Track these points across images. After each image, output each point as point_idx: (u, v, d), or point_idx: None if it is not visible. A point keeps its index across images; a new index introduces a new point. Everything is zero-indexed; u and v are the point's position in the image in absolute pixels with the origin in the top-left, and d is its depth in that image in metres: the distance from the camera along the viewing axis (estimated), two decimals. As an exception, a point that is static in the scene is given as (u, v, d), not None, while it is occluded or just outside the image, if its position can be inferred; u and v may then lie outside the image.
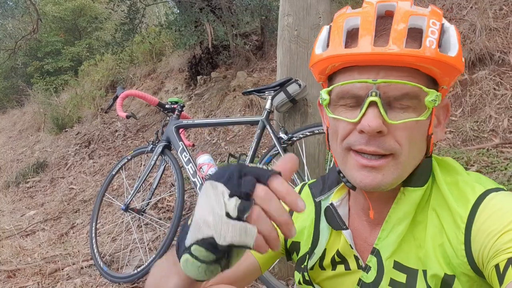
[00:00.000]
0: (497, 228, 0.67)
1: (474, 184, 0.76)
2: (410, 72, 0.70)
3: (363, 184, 0.73)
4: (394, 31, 0.69)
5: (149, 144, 2.85)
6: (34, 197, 5.50)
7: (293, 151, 2.37)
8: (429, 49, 0.68)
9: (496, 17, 3.94)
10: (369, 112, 0.70)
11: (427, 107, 0.71)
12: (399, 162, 0.73)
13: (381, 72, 0.70)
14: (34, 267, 3.07)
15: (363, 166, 0.73)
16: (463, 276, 0.72)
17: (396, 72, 0.70)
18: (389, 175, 0.73)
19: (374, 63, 0.70)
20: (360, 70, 0.72)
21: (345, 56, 0.72)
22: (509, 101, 3.25)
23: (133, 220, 3.20)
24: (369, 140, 0.71)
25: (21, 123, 9.53)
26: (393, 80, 0.69)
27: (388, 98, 0.70)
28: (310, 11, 2.33)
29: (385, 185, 0.73)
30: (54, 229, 4.07)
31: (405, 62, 0.69)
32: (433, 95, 0.71)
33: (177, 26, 5.56)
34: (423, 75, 0.71)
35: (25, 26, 11.70)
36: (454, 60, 0.70)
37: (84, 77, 9.25)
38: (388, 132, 0.71)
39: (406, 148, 0.72)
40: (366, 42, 0.69)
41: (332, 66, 0.75)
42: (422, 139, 0.75)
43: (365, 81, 0.70)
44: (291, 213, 0.97)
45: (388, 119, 0.70)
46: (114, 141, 6.29)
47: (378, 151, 0.71)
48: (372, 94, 0.69)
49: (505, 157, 2.78)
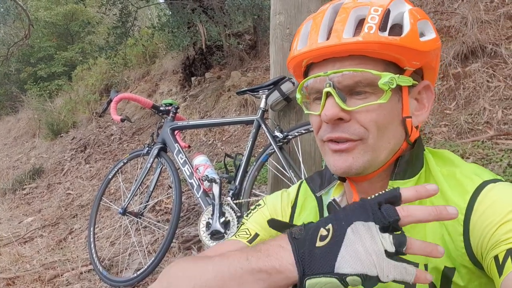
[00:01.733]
0: (496, 219, 0.67)
1: (472, 176, 0.76)
2: (362, 59, 0.73)
3: (336, 167, 0.77)
4: (336, 25, 0.74)
5: (145, 147, 2.84)
6: (31, 203, 5.48)
7: (289, 149, 2.37)
8: (367, 34, 0.71)
9: (487, 10, 3.96)
10: (327, 102, 0.74)
11: (383, 89, 0.73)
12: (368, 145, 0.75)
13: (336, 64, 0.74)
14: (33, 274, 3.05)
15: (334, 151, 0.77)
16: (462, 268, 0.72)
17: (348, 62, 0.73)
18: (359, 158, 0.75)
19: (325, 57, 0.75)
20: (318, 66, 0.77)
21: (298, 56, 0.78)
22: (502, 93, 3.26)
23: (131, 224, 3.19)
24: (334, 128, 0.75)
25: (16, 130, 9.49)
26: (342, 69, 0.73)
27: (345, 87, 0.74)
28: (301, 9, 2.33)
29: (356, 168, 0.76)
30: (52, 235, 4.06)
31: (349, 51, 0.73)
32: (387, 77, 0.72)
33: (170, 27, 5.55)
34: (377, 61, 0.74)
35: (17, 32, 11.64)
36: (402, 41, 0.72)
37: (78, 82, 9.23)
38: (352, 119, 0.74)
39: (374, 131, 0.75)
40: (312, 39, 0.75)
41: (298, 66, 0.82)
42: (394, 122, 0.77)
43: (318, 75, 0.75)
44: (292, 214, 0.97)
45: (345, 106, 0.73)
46: (110, 145, 6.27)
47: (343, 135, 0.75)
48: (326, 86, 0.74)
49: (500, 148, 2.79)
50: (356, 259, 0.55)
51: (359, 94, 0.75)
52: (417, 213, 0.57)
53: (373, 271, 0.54)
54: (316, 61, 0.77)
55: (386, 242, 0.55)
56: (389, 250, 0.54)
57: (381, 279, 0.54)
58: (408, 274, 0.55)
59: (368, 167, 0.77)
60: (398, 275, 0.54)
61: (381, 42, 0.71)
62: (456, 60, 3.70)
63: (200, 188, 2.50)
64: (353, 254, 0.55)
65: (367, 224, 0.56)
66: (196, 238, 2.98)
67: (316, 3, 2.37)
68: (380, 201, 0.58)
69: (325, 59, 0.75)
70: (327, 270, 0.56)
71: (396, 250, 0.55)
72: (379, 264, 0.54)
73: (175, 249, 2.95)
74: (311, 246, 0.58)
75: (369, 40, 0.71)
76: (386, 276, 0.54)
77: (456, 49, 3.72)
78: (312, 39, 0.75)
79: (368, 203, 0.58)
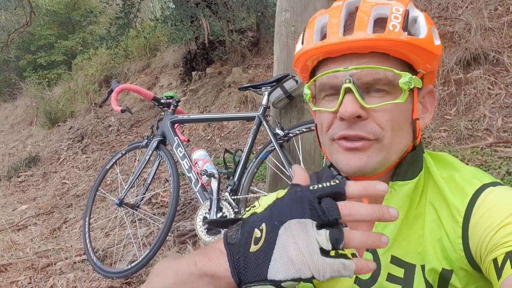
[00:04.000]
0: (495, 222, 0.67)
1: (471, 179, 0.76)
2: (381, 57, 0.73)
3: (349, 165, 0.74)
4: (359, 20, 0.72)
5: (144, 139, 2.83)
6: (26, 191, 5.45)
7: (289, 147, 2.36)
8: (392, 32, 0.71)
9: (491, 17, 3.96)
10: (346, 98, 0.72)
11: (402, 89, 0.73)
12: (383, 145, 0.74)
13: (354, 60, 0.73)
14: (26, 261, 3.04)
15: (348, 149, 0.74)
16: (460, 271, 0.73)
17: (367, 59, 0.72)
18: (373, 157, 0.74)
19: (344, 52, 0.73)
20: (334, 62, 0.75)
21: (316, 49, 0.75)
22: (503, 101, 3.27)
23: (127, 215, 3.18)
24: (351, 125, 0.73)
25: (13, 117, 9.44)
26: (363, 66, 0.72)
27: (363, 84, 0.73)
28: (307, 7, 2.33)
29: (370, 168, 0.74)
30: (47, 224, 4.04)
31: (371, 47, 0.72)
32: (407, 77, 0.72)
33: (173, 20, 5.53)
34: (396, 60, 0.74)
35: (18, 19, 11.56)
36: (422, 42, 0.72)
37: (78, 71, 9.18)
38: (369, 117, 0.73)
39: (389, 131, 0.74)
40: (333, 33, 0.73)
41: (310, 61, 0.79)
42: (406, 123, 0.76)
43: (337, 70, 0.73)
44: None
45: (365, 103, 0.72)
46: (108, 136, 6.25)
47: (360, 134, 0.73)
48: (346, 81, 0.72)
49: (499, 156, 2.80)
50: (289, 264, 0.52)
51: (377, 92, 0.73)
52: (360, 212, 0.53)
53: (306, 274, 0.52)
54: (333, 56, 0.75)
55: (321, 240, 0.51)
56: (325, 247, 0.51)
57: (317, 278, 0.52)
58: (346, 270, 0.52)
59: (380, 167, 0.76)
60: (335, 272, 0.52)
61: (405, 41, 0.71)
62: (458, 66, 3.71)
63: (198, 182, 2.49)
64: (285, 258, 0.52)
65: (303, 222, 0.52)
66: (191, 233, 2.97)
67: (322, 2, 2.36)
68: (321, 195, 0.54)
69: (343, 55, 0.74)
70: (260, 277, 0.54)
71: (333, 247, 0.52)
72: (314, 265, 0.51)
73: (170, 242, 2.94)
74: (246, 251, 0.55)
75: (395, 38, 0.71)
76: (322, 276, 0.52)
77: (458, 55, 3.73)
78: (333, 33, 0.73)
79: (307, 197, 0.54)
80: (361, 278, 0.82)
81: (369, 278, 0.81)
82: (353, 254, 0.84)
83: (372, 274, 0.80)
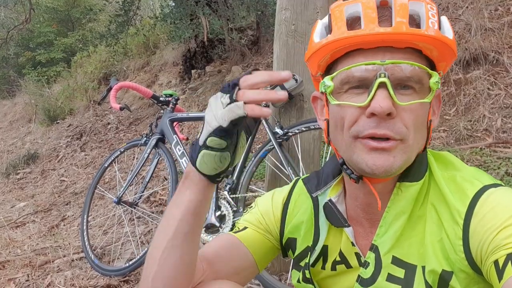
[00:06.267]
0: (496, 223, 0.67)
1: (472, 180, 0.75)
2: (413, 54, 0.71)
3: (376, 166, 0.71)
4: (397, 13, 0.69)
5: (143, 137, 2.82)
6: (24, 188, 5.44)
7: (288, 147, 2.36)
8: (432, 29, 0.69)
9: (491, 17, 3.96)
10: (379, 93, 0.69)
11: (431, 89, 0.72)
12: (407, 146, 0.72)
13: (387, 54, 0.70)
14: (24, 259, 3.03)
15: (374, 149, 0.71)
16: (460, 273, 0.72)
17: (401, 55, 0.70)
18: (399, 158, 0.72)
19: (380, 44, 0.70)
20: (364, 54, 0.71)
21: (351, 38, 0.71)
22: (502, 101, 3.27)
23: (125, 213, 3.18)
24: (379, 123, 0.70)
25: (12, 114, 9.42)
26: (401, 61, 0.69)
27: (395, 80, 0.70)
28: (308, 6, 2.32)
29: (396, 168, 0.72)
30: (45, 221, 4.03)
31: (410, 42, 0.70)
32: (437, 77, 0.71)
33: (173, 18, 5.51)
34: (424, 58, 0.72)
35: (18, 16, 11.54)
36: (452, 43, 0.72)
37: (77, 69, 9.16)
38: (397, 116, 0.70)
39: (412, 132, 0.72)
40: (371, 23, 0.70)
41: (334, 52, 0.74)
42: (425, 123, 0.75)
43: (374, 62, 0.70)
44: (285, 214, 0.96)
45: (398, 100, 0.69)
46: (107, 133, 6.24)
47: (389, 134, 0.70)
48: (381, 76, 0.69)
49: (498, 156, 2.80)
50: (206, 125, 0.73)
51: (405, 90, 0.71)
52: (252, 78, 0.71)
53: (214, 123, 0.71)
54: (365, 48, 0.71)
55: (224, 99, 0.71)
56: (225, 102, 0.70)
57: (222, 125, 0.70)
58: (238, 108, 0.69)
59: (403, 167, 0.74)
60: (232, 114, 0.69)
61: (443, 40, 0.70)
62: (458, 66, 3.70)
63: (197, 180, 2.48)
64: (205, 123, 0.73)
65: (216, 95, 0.73)
66: (189, 231, 2.96)
67: (322, 1, 2.35)
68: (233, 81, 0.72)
69: (377, 47, 0.71)
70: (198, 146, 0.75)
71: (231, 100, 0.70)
72: (217, 115, 0.71)
73: (168, 241, 2.93)
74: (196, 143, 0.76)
75: (435, 36, 0.69)
76: (224, 120, 0.70)
77: (458, 55, 3.71)
78: (370, 23, 0.69)
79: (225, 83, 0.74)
80: (363, 277, 0.82)
81: (369, 278, 0.80)
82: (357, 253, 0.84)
83: (372, 274, 0.80)
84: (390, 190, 0.80)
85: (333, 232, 0.88)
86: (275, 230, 0.96)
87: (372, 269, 0.80)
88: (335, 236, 0.88)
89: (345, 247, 0.86)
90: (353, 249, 0.85)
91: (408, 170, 0.77)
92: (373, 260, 0.80)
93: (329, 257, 0.88)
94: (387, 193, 0.80)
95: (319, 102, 0.87)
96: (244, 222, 0.96)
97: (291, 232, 0.95)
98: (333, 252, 0.88)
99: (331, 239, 0.88)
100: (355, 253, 0.85)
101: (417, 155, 0.78)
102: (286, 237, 0.95)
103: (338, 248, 0.87)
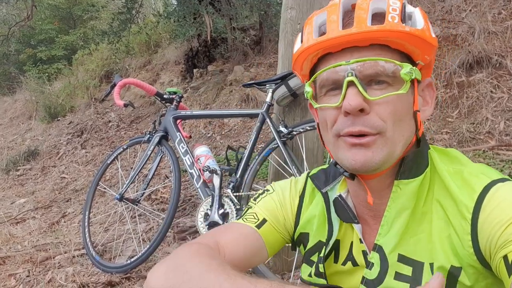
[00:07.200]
0: (504, 218, 0.67)
1: (479, 175, 0.75)
2: (382, 50, 0.73)
3: (355, 161, 0.74)
4: (357, 14, 0.73)
5: (146, 134, 2.81)
6: (24, 185, 5.43)
7: (292, 145, 2.36)
8: (391, 23, 0.71)
9: (495, 21, 3.97)
10: (349, 92, 0.72)
11: (404, 80, 0.73)
12: (387, 139, 0.74)
13: (355, 54, 0.73)
14: (24, 254, 3.03)
15: (353, 145, 0.74)
16: (469, 268, 0.72)
17: (369, 52, 0.73)
18: (378, 152, 0.74)
19: (344, 45, 0.73)
20: (335, 57, 0.75)
21: (316, 45, 0.75)
22: (505, 104, 3.27)
23: (127, 210, 3.17)
24: (354, 121, 0.73)
25: (12, 111, 9.40)
26: (365, 58, 0.72)
27: (365, 77, 0.73)
28: (314, 5, 2.32)
29: (375, 163, 0.74)
30: (45, 218, 4.03)
31: (372, 39, 0.72)
32: (408, 68, 0.73)
33: (176, 17, 5.51)
34: (396, 52, 0.74)
35: (19, 13, 11.53)
36: (420, 32, 0.73)
37: (78, 66, 9.14)
38: (371, 110, 0.73)
39: (391, 124, 0.73)
40: (333, 28, 0.74)
41: (310, 58, 0.79)
42: (408, 115, 0.76)
43: (339, 64, 0.73)
44: (300, 207, 0.96)
45: (368, 95, 0.72)
46: (107, 131, 6.23)
47: (363, 129, 0.73)
48: (348, 75, 0.72)
49: (501, 159, 2.80)
50: None
51: (378, 85, 0.74)
52: None
53: None
54: (334, 51, 0.75)
55: None
56: None
57: None
58: None
59: (386, 161, 0.75)
60: None
61: (405, 32, 0.72)
62: (461, 69, 3.70)
63: (200, 178, 2.49)
64: None
65: None
66: (191, 229, 2.97)
67: (328, 0, 2.36)
68: None
69: (343, 49, 0.74)
70: None
71: None
72: None
73: (170, 238, 2.93)
74: None
75: (395, 29, 0.71)
76: None
77: (461, 58, 3.73)
78: (333, 28, 0.74)
79: None
80: (368, 279, 0.81)
81: (375, 279, 0.80)
82: (364, 251, 0.84)
83: (378, 275, 0.80)
84: (387, 186, 0.80)
85: (344, 227, 0.88)
86: (290, 224, 0.96)
87: (377, 270, 0.80)
88: (346, 231, 0.88)
89: (354, 244, 0.86)
90: (361, 246, 0.85)
91: (405, 166, 0.78)
92: (377, 260, 0.80)
93: (341, 252, 0.88)
94: (384, 190, 0.81)
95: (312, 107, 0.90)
96: (263, 212, 0.95)
97: (303, 227, 0.95)
98: (344, 247, 0.88)
99: (342, 234, 0.88)
100: (362, 251, 0.85)
101: (415, 151, 0.79)
102: (299, 231, 0.95)
103: (350, 244, 0.87)
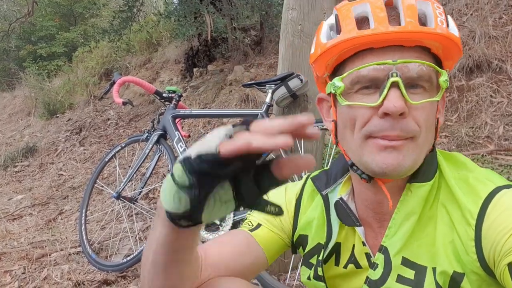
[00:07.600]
0: (509, 225, 0.66)
1: (485, 181, 0.75)
2: (422, 52, 0.71)
3: (385, 164, 0.71)
4: (407, 12, 0.69)
5: (144, 132, 2.81)
6: (22, 181, 5.42)
7: (291, 147, 2.35)
8: (441, 27, 0.69)
9: (496, 25, 3.96)
10: (391, 93, 0.69)
11: (441, 87, 0.72)
12: (418, 144, 0.72)
13: (397, 53, 0.70)
14: (20, 251, 3.01)
15: (384, 147, 0.71)
16: (472, 275, 0.71)
17: (410, 53, 0.70)
18: (409, 157, 0.71)
19: (390, 43, 0.70)
20: (374, 53, 0.71)
21: (362, 38, 0.70)
22: (505, 109, 3.27)
23: (124, 209, 3.16)
24: (393, 124, 0.69)
25: (11, 107, 9.38)
26: (412, 60, 0.69)
27: (406, 79, 0.70)
28: (315, 6, 2.31)
29: (405, 167, 0.72)
30: (42, 215, 4.01)
31: (418, 41, 0.69)
32: (446, 75, 0.71)
33: (177, 16, 5.50)
34: (432, 57, 0.72)
35: (20, 9, 11.52)
36: (459, 41, 0.72)
37: (78, 64, 9.12)
38: (408, 114, 0.70)
39: (424, 130, 0.72)
40: (381, 23, 0.69)
41: (342, 52, 0.74)
42: (434, 121, 0.75)
43: (385, 62, 0.69)
44: (298, 209, 0.95)
45: (410, 100, 0.69)
46: (106, 129, 6.22)
47: (401, 135, 0.70)
48: (393, 75, 0.68)
49: (500, 163, 2.80)
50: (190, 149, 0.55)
51: (414, 88, 0.71)
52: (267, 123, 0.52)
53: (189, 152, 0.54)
54: (376, 47, 0.71)
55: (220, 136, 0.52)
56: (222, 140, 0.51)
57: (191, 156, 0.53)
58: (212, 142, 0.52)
59: (414, 166, 0.73)
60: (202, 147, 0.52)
61: (451, 38, 0.70)
62: (461, 73, 3.70)
63: (198, 178, 2.47)
64: None
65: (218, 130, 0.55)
66: (188, 229, 2.95)
67: (330, 2, 2.35)
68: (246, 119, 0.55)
69: (387, 46, 0.70)
70: None
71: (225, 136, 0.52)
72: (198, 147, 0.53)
73: (167, 238, 2.92)
74: None
75: (445, 34, 0.69)
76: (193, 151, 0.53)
77: (461, 62, 3.73)
78: (381, 22, 0.69)
79: None
80: (371, 279, 0.81)
81: (378, 279, 0.79)
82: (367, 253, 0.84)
83: (381, 276, 0.79)
84: (400, 189, 0.79)
85: (345, 230, 0.87)
86: (288, 227, 0.95)
87: (381, 270, 0.80)
88: (347, 234, 0.87)
89: (357, 246, 0.85)
90: (364, 249, 0.84)
91: (418, 170, 0.77)
92: (382, 261, 0.80)
93: (342, 255, 0.88)
94: (396, 193, 0.79)
95: (325, 104, 0.86)
96: (258, 218, 0.95)
97: (303, 229, 0.94)
98: (346, 250, 0.87)
99: (343, 236, 0.87)
100: (365, 253, 0.84)
101: (426, 155, 0.77)
102: (298, 233, 0.95)
103: (351, 247, 0.86)
